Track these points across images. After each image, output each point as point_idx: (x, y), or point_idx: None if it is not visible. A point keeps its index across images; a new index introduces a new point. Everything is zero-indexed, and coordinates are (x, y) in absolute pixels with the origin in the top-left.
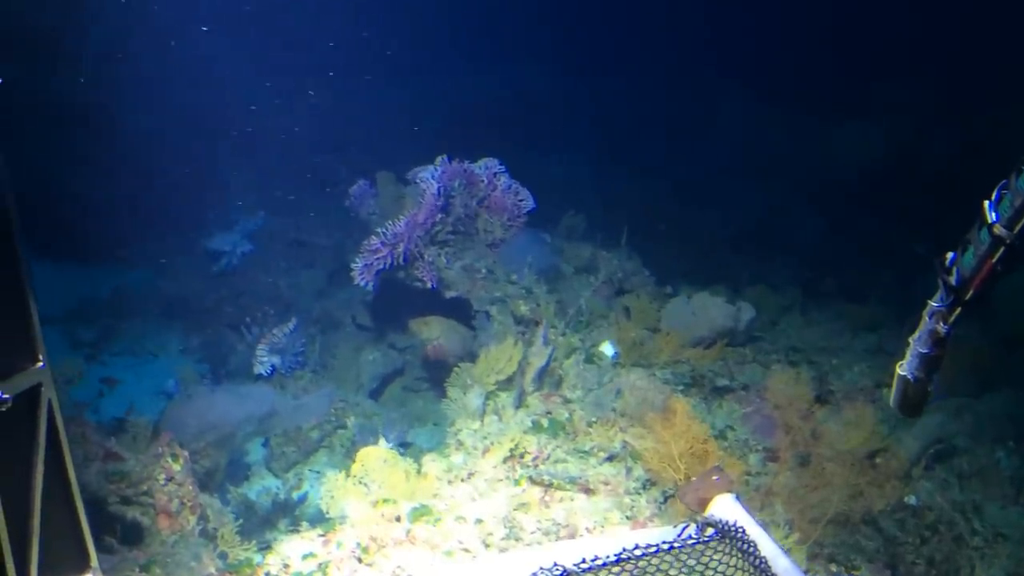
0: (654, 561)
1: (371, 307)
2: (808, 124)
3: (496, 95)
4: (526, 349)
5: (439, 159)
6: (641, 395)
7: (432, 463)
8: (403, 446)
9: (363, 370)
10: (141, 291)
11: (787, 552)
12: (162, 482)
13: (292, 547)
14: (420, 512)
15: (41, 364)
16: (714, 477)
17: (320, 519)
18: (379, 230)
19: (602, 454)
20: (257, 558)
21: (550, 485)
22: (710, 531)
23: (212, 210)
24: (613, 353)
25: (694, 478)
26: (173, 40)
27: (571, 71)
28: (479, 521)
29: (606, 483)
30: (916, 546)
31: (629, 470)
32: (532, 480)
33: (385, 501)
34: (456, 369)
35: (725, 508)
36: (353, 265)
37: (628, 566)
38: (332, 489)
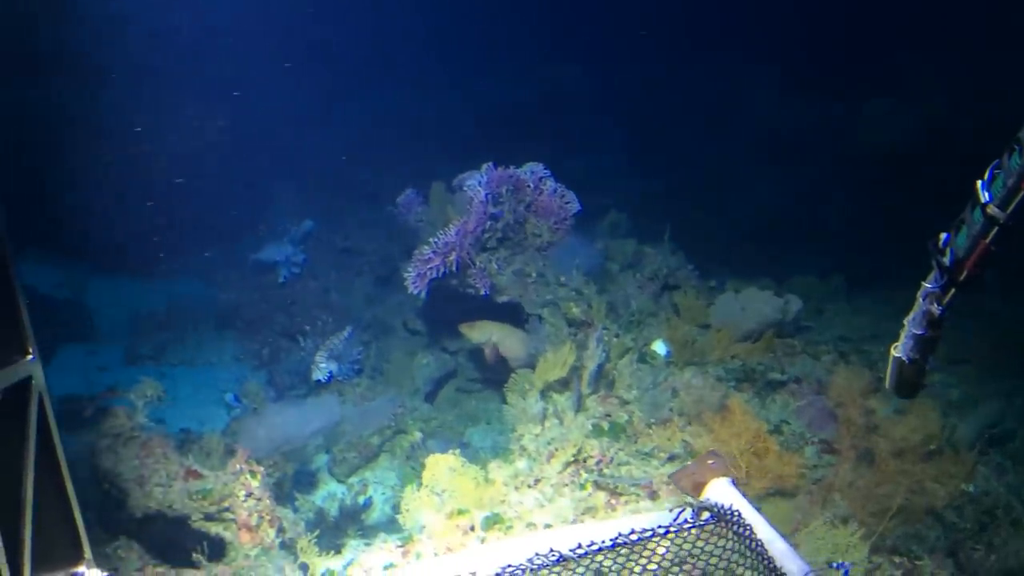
0: (650, 545)
1: (422, 312)
2: (836, 104)
3: (525, 95)
4: (580, 352)
5: (485, 166)
6: (696, 393)
7: (498, 469)
8: (461, 447)
9: (417, 374)
10: (194, 303)
11: (784, 535)
12: (242, 498)
13: (372, 558)
14: (492, 520)
15: (31, 357)
16: (710, 461)
17: (389, 526)
18: (431, 240)
19: (663, 455)
20: (339, 569)
21: (615, 488)
22: (706, 515)
23: (260, 221)
24: (666, 352)
25: (690, 463)
26: (211, 56)
27: (597, 65)
28: (548, 527)
29: (669, 484)
30: (975, 532)
31: None
32: (597, 484)
33: (460, 512)
34: (514, 375)
35: (721, 492)
36: (406, 274)
37: (624, 550)
38: (406, 501)
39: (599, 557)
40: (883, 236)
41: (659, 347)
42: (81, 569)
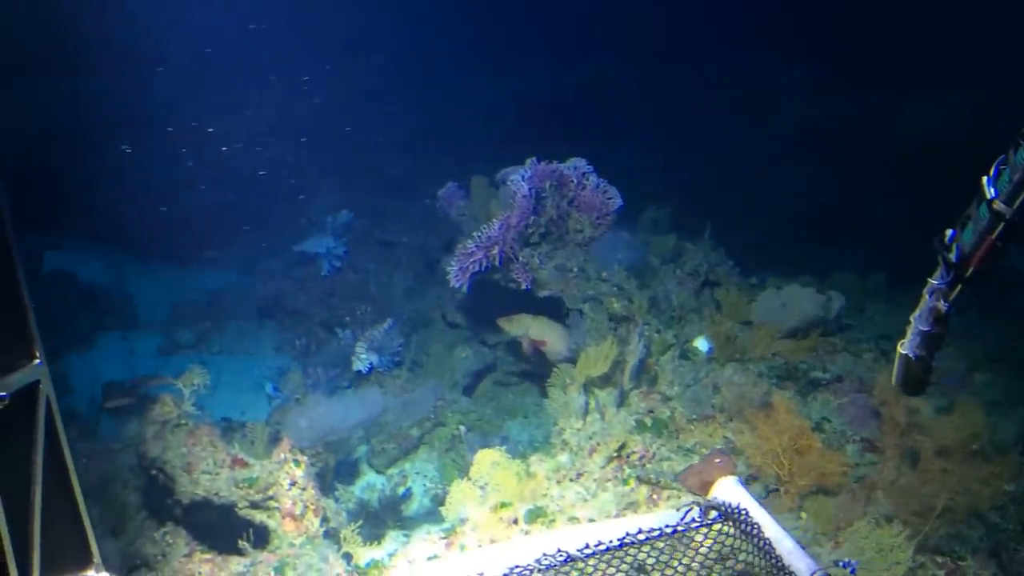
0: (658, 545)
1: (461, 306)
2: (875, 96)
3: (566, 88)
4: (622, 347)
5: (529, 160)
6: (738, 390)
7: (540, 463)
8: (500, 440)
9: (456, 367)
10: (235, 293)
11: (790, 532)
12: (287, 487)
13: (416, 549)
14: (535, 514)
15: (38, 361)
16: (717, 460)
17: (429, 518)
18: (474, 234)
19: (705, 450)
20: (385, 559)
21: (657, 483)
22: (713, 514)
23: (300, 212)
24: (707, 348)
25: (696, 462)
26: (255, 48)
27: (637, 59)
28: (591, 521)
29: None
30: (1018, 533)
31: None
32: (640, 479)
33: (503, 505)
34: (555, 369)
35: (728, 491)
36: (448, 268)
37: (631, 550)
38: (450, 492)
39: (606, 557)
40: (924, 232)
41: (701, 343)
42: (90, 573)
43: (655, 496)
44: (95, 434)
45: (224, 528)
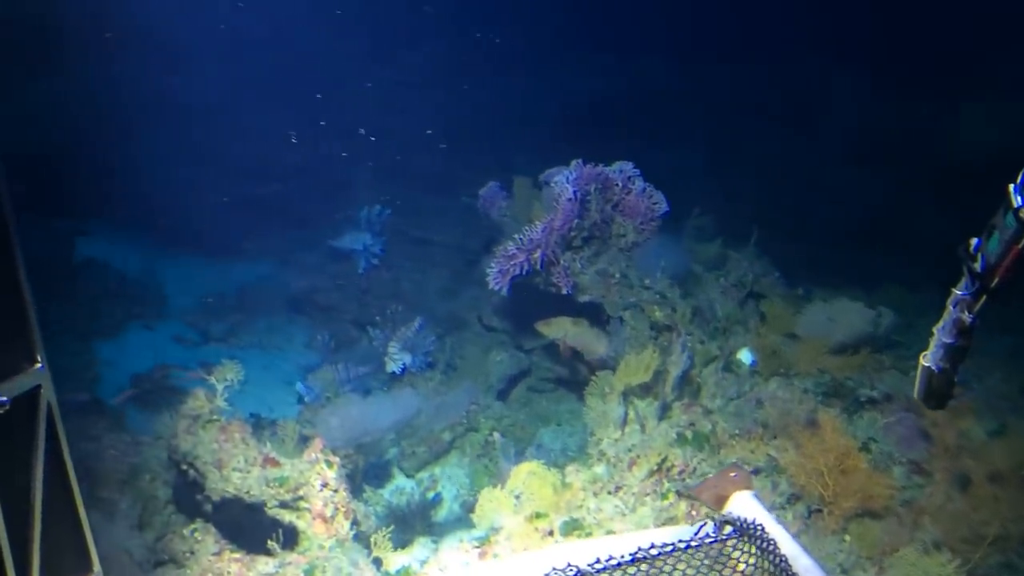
0: (670, 560)
1: (498, 308)
2: (930, 104)
3: (612, 88)
4: (664, 357)
5: (574, 162)
6: (783, 406)
7: (576, 474)
8: (532, 447)
9: (491, 371)
10: (267, 286)
11: (808, 550)
12: (318, 488)
13: (447, 556)
14: (571, 526)
15: (40, 366)
16: (732, 474)
17: (458, 524)
18: (515, 236)
19: (747, 467)
20: (415, 566)
21: (697, 499)
22: (728, 529)
23: (335, 207)
24: (751, 361)
25: (711, 475)
26: (295, 39)
27: (684, 60)
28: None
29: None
30: None
31: (775, 484)
32: (679, 494)
33: (538, 516)
34: (594, 377)
35: (744, 505)
36: (488, 270)
37: (643, 566)
38: (481, 500)
39: (617, 573)
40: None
41: (744, 356)
42: None
43: (694, 512)
44: (122, 426)
45: (252, 527)
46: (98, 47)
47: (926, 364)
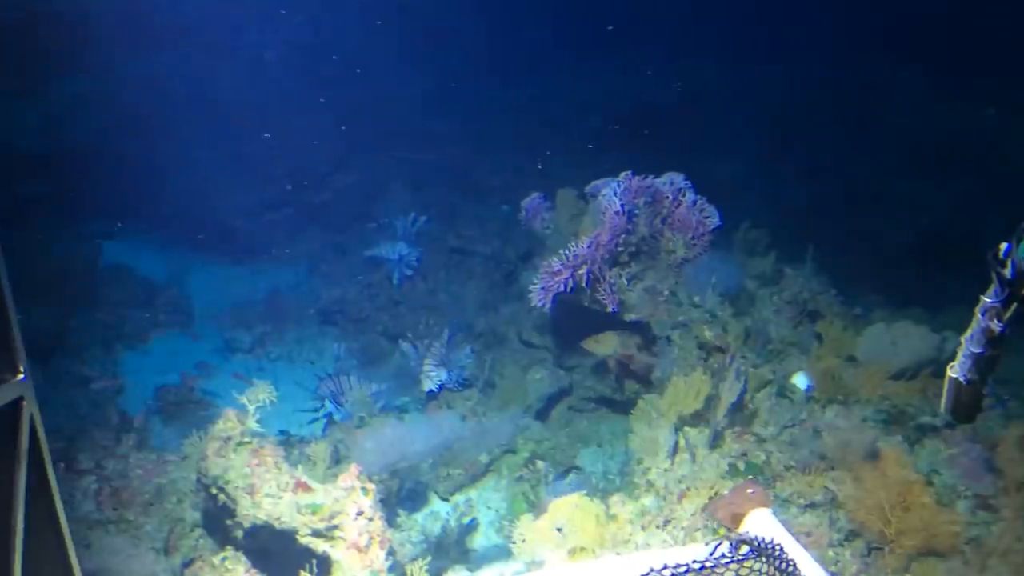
0: None
1: (539, 325)
2: (997, 109)
3: (661, 94)
4: (717, 382)
5: (623, 174)
6: (841, 436)
7: (621, 505)
8: (572, 470)
9: (530, 389)
10: (296, 295)
11: (830, 572)
12: (352, 516)
13: None
14: None
15: (22, 377)
16: (749, 490)
17: (495, 552)
18: (560, 251)
19: (802, 501)
20: None
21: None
22: (745, 549)
23: (370, 214)
24: (807, 386)
25: (726, 492)
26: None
27: (736, 65)
28: None
29: (808, 534)
30: None
31: (833, 520)
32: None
33: (582, 550)
34: (641, 400)
35: (761, 524)
36: (531, 286)
37: None
38: (521, 531)
39: None
40: None
41: (799, 380)
42: None
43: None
44: (148, 444)
45: (283, 555)
46: (128, 45)
47: (953, 375)
